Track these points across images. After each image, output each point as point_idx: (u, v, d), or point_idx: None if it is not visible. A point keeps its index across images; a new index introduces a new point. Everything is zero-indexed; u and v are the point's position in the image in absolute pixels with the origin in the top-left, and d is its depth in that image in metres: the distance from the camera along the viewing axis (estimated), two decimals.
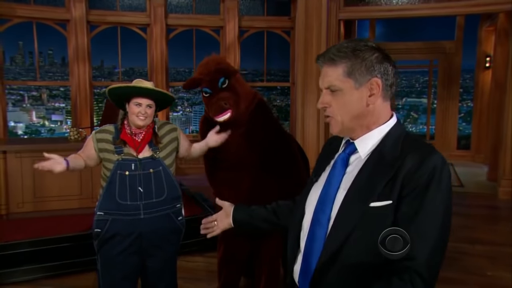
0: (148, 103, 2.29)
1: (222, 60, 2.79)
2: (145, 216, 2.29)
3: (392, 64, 1.27)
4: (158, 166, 2.34)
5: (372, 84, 1.24)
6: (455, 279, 3.72)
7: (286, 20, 7.24)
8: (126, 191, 2.27)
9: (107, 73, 8.79)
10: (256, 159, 2.74)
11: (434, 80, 9.53)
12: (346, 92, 1.25)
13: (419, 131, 11.19)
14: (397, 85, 1.29)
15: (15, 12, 6.17)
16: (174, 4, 7.00)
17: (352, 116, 1.26)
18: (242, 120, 2.71)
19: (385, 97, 1.27)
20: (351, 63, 1.24)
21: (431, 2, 6.50)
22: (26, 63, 8.46)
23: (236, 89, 2.71)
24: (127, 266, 2.33)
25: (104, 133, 2.35)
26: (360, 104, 1.25)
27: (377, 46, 1.28)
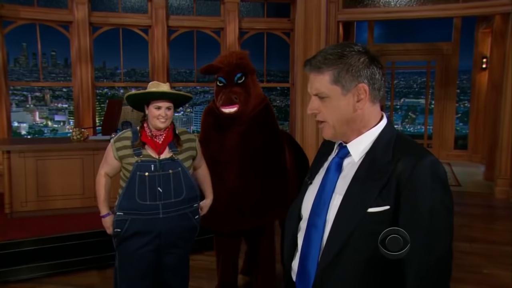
0: (167, 105, 2.34)
1: (245, 56, 2.80)
2: (163, 216, 2.34)
3: (379, 66, 1.27)
4: (177, 167, 2.38)
5: (359, 90, 1.25)
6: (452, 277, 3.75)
7: (286, 22, 7.29)
8: (145, 192, 2.31)
9: (109, 74, 8.82)
10: (247, 159, 2.77)
11: (432, 81, 9.59)
12: (334, 99, 1.26)
13: (417, 131, 11.23)
14: (385, 87, 1.30)
15: (18, 14, 6.21)
16: (175, 6, 7.04)
17: (342, 121, 1.28)
18: (245, 119, 2.74)
19: (374, 100, 1.27)
20: (338, 70, 1.24)
21: (429, 4, 6.57)
22: (29, 64, 8.50)
23: (249, 88, 2.74)
24: (144, 263, 2.38)
25: (122, 140, 2.39)
26: (348, 109, 1.26)
27: (364, 49, 1.28)
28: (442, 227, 1.19)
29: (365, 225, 1.20)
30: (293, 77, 7.27)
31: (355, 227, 1.20)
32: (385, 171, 1.20)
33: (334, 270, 1.23)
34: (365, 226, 1.20)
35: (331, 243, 1.24)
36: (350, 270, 1.23)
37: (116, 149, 2.37)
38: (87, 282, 3.73)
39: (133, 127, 2.50)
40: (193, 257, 4.11)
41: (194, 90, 10.18)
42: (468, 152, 9.20)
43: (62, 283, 3.71)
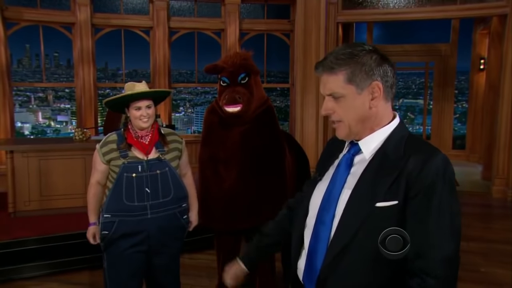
0: (147, 104, 2.33)
1: (249, 57, 2.82)
2: (152, 216, 2.32)
3: (390, 64, 1.30)
4: (164, 167, 2.37)
5: (373, 88, 1.27)
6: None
7: (286, 23, 7.33)
8: (133, 193, 2.29)
9: (111, 75, 8.85)
10: (247, 159, 2.78)
11: (430, 81, 9.63)
12: (349, 98, 1.27)
13: (415, 131, 11.28)
14: (396, 85, 1.33)
15: (22, 16, 6.25)
16: (176, 7, 7.08)
17: (357, 120, 1.29)
18: (246, 119, 2.76)
19: (387, 98, 1.30)
20: (351, 69, 1.26)
21: (427, 6, 6.62)
22: (32, 65, 8.53)
23: (252, 89, 2.76)
24: (133, 264, 2.37)
25: (108, 144, 2.38)
26: (363, 108, 1.27)
27: (374, 48, 1.30)
28: (448, 226, 1.19)
29: (372, 220, 1.20)
30: (293, 77, 7.31)
31: (362, 221, 1.21)
32: (396, 167, 1.22)
33: (339, 264, 1.24)
34: (372, 220, 1.20)
35: (338, 236, 1.25)
36: (355, 265, 1.23)
37: (103, 154, 2.36)
38: (89, 280, 3.77)
39: (117, 130, 2.45)
40: (194, 256, 4.17)
41: (195, 91, 10.20)
42: (466, 152, 9.25)
43: (64, 281, 3.74)
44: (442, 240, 1.19)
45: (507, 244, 4.55)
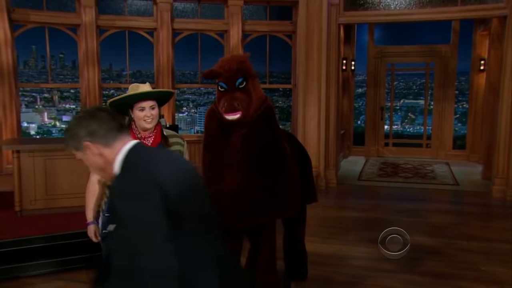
0: (151, 104, 2.37)
1: (245, 60, 2.78)
2: None
3: (99, 118, 1.59)
4: None
5: (86, 147, 1.59)
6: (450, 274, 3.87)
7: (288, 24, 7.39)
8: None
9: (116, 76, 8.89)
10: (249, 160, 2.78)
11: (431, 82, 9.68)
12: (83, 158, 1.63)
13: (416, 131, 11.33)
14: (114, 128, 1.60)
15: (28, 17, 6.30)
16: (180, 9, 7.12)
17: (99, 170, 1.64)
18: (247, 122, 2.75)
19: (107, 143, 1.58)
20: (71, 144, 1.62)
21: (428, 7, 6.68)
22: (38, 67, 8.57)
23: (250, 93, 2.74)
24: None
25: None
26: (95, 160, 1.61)
27: (85, 113, 1.65)
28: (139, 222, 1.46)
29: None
30: (295, 78, 7.37)
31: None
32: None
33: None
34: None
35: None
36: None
37: None
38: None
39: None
40: None
41: (198, 91, 10.24)
42: (466, 152, 9.30)
43: (70, 279, 3.79)
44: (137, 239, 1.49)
45: (507, 243, 4.59)
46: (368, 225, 5.20)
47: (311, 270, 3.66)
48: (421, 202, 6.41)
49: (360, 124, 11.10)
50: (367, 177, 7.93)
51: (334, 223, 5.34)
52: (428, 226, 5.21)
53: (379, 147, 9.93)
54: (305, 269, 3.64)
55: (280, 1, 7.31)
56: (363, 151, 9.90)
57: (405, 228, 5.03)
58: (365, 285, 3.68)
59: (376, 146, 9.91)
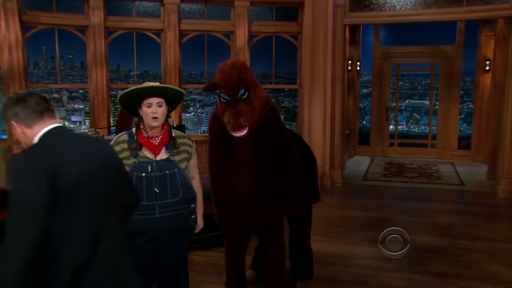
0: (158, 101, 2.36)
1: (245, 68, 2.73)
2: (160, 215, 2.34)
3: (23, 102, 1.78)
4: (173, 168, 2.38)
5: (13, 126, 1.80)
6: (455, 274, 3.89)
7: (294, 25, 7.42)
8: (142, 192, 2.31)
9: (123, 76, 8.95)
10: (256, 162, 2.77)
11: (436, 82, 9.67)
12: (14, 133, 1.85)
13: (421, 131, 11.33)
14: (39, 112, 1.78)
15: (39, 19, 6.39)
16: (187, 10, 7.19)
17: (25, 145, 1.81)
18: (252, 129, 2.72)
19: (30, 125, 1.77)
20: (5, 122, 1.81)
21: (433, 8, 6.68)
22: (48, 67, 8.64)
23: (253, 102, 2.70)
24: (139, 262, 2.36)
25: (120, 144, 2.40)
26: (22, 137, 1.80)
27: (13, 98, 1.82)
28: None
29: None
30: (301, 78, 7.40)
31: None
32: None
33: None
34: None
35: None
36: None
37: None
38: None
39: (128, 130, 2.47)
40: (203, 253, 4.21)
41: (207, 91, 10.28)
42: (471, 152, 9.30)
43: None
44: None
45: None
46: (373, 224, 5.24)
47: (316, 270, 3.70)
48: (426, 202, 6.43)
49: (365, 124, 11.11)
50: (372, 177, 7.96)
51: (339, 222, 5.38)
52: (433, 226, 5.23)
53: (384, 147, 9.95)
54: (310, 268, 3.67)
55: (286, 2, 7.35)
56: (368, 151, 9.92)
57: (410, 228, 5.09)
58: (370, 284, 3.71)
59: (381, 146, 9.93)
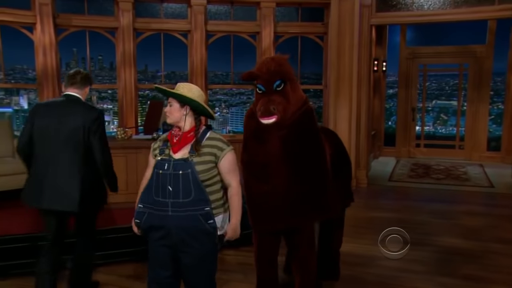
0: (169, 101, 2.50)
1: (284, 62, 2.75)
2: (172, 214, 2.39)
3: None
4: (187, 168, 2.39)
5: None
6: (484, 278, 3.83)
7: (320, 26, 7.41)
8: (159, 188, 2.39)
9: (151, 77, 9.09)
10: (286, 162, 2.77)
11: (464, 83, 9.53)
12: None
13: (448, 132, 11.15)
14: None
15: (71, 22, 6.57)
16: (214, 11, 7.26)
17: None
18: (285, 123, 2.73)
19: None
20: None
21: (463, 7, 6.57)
22: None
23: (288, 95, 2.71)
24: (160, 255, 2.49)
25: (158, 142, 2.58)
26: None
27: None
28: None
29: None
30: (326, 79, 7.39)
31: None
32: None
33: None
34: None
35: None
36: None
37: (153, 149, 2.55)
38: (133, 272, 3.93)
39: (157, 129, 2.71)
40: (229, 252, 4.22)
41: (230, 92, 10.37)
42: (501, 153, 9.11)
43: (109, 273, 3.91)
44: None
45: None
46: (399, 226, 5.17)
47: (341, 270, 3.70)
48: (454, 204, 6.34)
49: (391, 125, 11.01)
50: (398, 178, 7.89)
51: (364, 223, 5.36)
52: (461, 228, 5.16)
53: (410, 148, 9.84)
54: (337, 270, 3.66)
55: (312, 2, 7.35)
56: (394, 152, 9.83)
57: (437, 230, 5.05)
58: (395, 286, 3.69)
59: (407, 147, 9.83)
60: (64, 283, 3.43)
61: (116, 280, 3.79)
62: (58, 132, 3.05)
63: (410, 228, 5.09)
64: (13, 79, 8.47)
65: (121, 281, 3.77)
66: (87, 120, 3.07)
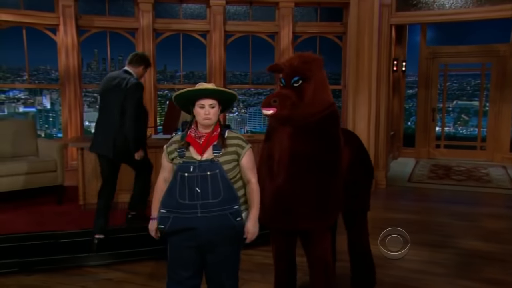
0: (210, 103, 2.39)
1: (310, 61, 2.71)
2: (202, 215, 2.37)
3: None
4: (215, 169, 2.39)
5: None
6: (506, 282, 3.76)
7: (338, 26, 7.38)
8: (185, 191, 2.36)
9: (170, 77, 9.15)
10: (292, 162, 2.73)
11: (487, 83, 9.35)
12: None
13: (470, 133, 10.97)
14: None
15: (93, 23, 6.71)
16: (232, 11, 7.30)
17: None
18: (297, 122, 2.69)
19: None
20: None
21: (486, 6, 6.45)
22: (99, 69, 9.07)
23: (305, 93, 2.67)
24: (185, 257, 2.48)
25: (172, 144, 2.48)
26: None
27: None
28: None
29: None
30: (345, 79, 7.36)
31: None
32: None
33: None
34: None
35: None
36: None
37: (168, 153, 2.47)
38: (151, 270, 3.94)
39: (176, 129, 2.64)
40: (246, 251, 4.06)
41: (248, 92, 10.41)
42: None
43: (128, 271, 3.92)
44: None
45: None
46: (417, 227, 5.13)
47: None
48: (475, 205, 6.23)
49: (410, 126, 10.88)
50: (418, 179, 7.79)
51: (383, 224, 5.29)
52: (482, 231, 5.07)
53: (430, 149, 9.71)
54: (370, 277, 3.52)
55: (331, 2, 7.32)
56: (413, 153, 9.71)
57: (458, 232, 4.97)
58: None
59: (427, 147, 9.70)
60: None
61: (133, 277, 3.82)
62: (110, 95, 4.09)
63: (430, 230, 5.03)
64: (36, 80, 8.64)
65: (138, 279, 3.80)
66: (126, 89, 3.99)
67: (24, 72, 7.10)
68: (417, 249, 4.33)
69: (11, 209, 4.93)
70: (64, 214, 4.85)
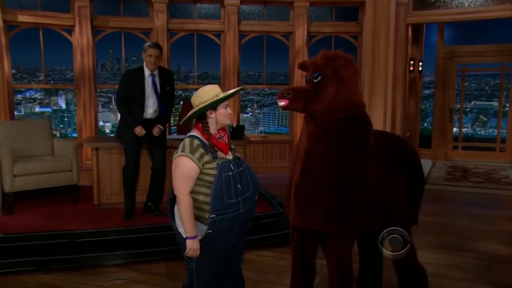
0: (227, 104, 2.53)
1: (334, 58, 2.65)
2: (243, 210, 2.48)
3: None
4: (243, 164, 2.55)
5: None
6: None
7: (354, 25, 7.31)
8: (231, 190, 2.41)
9: (184, 77, 9.17)
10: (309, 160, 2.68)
11: (507, 83, 9.17)
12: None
13: (488, 134, 10.77)
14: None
15: (108, 24, 6.76)
16: (247, 11, 7.28)
17: None
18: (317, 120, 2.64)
19: None
20: None
21: (507, 4, 6.32)
22: (114, 69, 9.14)
23: (324, 90, 2.61)
24: (224, 258, 2.53)
25: (197, 151, 2.39)
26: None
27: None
28: None
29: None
30: (360, 79, 7.28)
31: None
32: None
33: None
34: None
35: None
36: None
37: (198, 159, 2.38)
38: (166, 271, 3.94)
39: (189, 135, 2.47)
40: (262, 253, 4.19)
41: (262, 92, 10.40)
42: None
43: (143, 271, 3.93)
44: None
45: None
46: (434, 229, 5.04)
47: None
48: (495, 208, 6.10)
49: (426, 126, 10.73)
50: (434, 180, 7.66)
51: None
52: (502, 234, 4.96)
53: (447, 150, 9.55)
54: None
55: (346, 2, 7.25)
56: (430, 154, 9.56)
57: (477, 235, 4.87)
58: None
59: (444, 149, 9.54)
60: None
61: (148, 277, 3.83)
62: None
63: (448, 232, 4.94)
64: (52, 80, 8.73)
65: (152, 279, 3.80)
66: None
67: (40, 72, 7.17)
68: (434, 252, 4.28)
69: (29, 208, 4.97)
70: (80, 213, 4.87)
